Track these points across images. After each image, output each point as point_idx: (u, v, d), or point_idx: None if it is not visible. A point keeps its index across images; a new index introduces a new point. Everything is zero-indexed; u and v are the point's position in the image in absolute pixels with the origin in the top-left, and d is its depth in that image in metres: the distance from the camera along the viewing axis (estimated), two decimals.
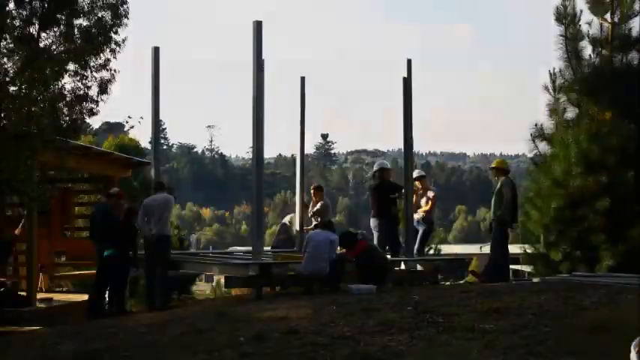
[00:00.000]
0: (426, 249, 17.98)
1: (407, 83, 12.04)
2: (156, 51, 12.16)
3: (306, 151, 14.23)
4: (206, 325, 7.96)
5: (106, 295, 11.33)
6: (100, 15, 11.91)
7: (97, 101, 11.95)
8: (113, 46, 11.85)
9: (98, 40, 11.58)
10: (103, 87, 11.94)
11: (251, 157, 11.26)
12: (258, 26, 10.29)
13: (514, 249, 13.12)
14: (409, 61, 12.02)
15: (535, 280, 11.30)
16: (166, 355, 7.01)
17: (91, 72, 11.62)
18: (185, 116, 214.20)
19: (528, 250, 13.56)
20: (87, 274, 15.31)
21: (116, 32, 12.01)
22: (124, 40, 12.03)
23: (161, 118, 12.51)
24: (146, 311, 11.12)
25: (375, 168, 13.23)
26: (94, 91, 11.93)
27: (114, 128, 37.24)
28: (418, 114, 12.14)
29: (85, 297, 13.69)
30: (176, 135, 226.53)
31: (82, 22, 11.82)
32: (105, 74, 11.92)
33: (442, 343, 6.47)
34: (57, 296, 14.22)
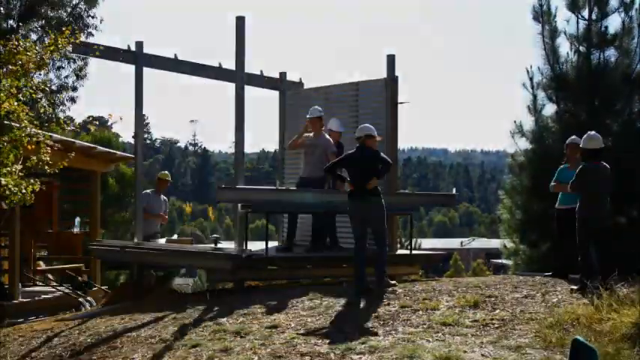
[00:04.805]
0: (406, 243, 18.08)
1: (389, 78, 12.12)
2: (139, 45, 12.16)
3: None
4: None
5: None
6: (73, 3, 11.84)
7: (75, 87, 11.94)
8: (90, 30, 11.79)
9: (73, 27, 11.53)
10: (79, 73, 11.90)
11: (234, 152, 11.29)
12: (240, 22, 10.33)
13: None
14: (391, 57, 12.09)
15: (514, 274, 11.44)
16: (139, 350, 7.09)
17: (68, 62, 11.60)
18: (169, 111, 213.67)
19: (508, 245, 13.72)
20: (69, 267, 15.32)
21: (93, 16, 11.90)
22: (100, 23, 11.88)
23: (144, 112, 12.53)
24: None
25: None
26: (71, 79, 11.91)
27: (98, 125, 37.02)
28: (400, 110, 12.22)
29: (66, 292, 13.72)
30: (159, 130, 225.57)
31: (57, 13, 11.79)
32: (79, 62, 11.83)
33: (422, 337, 6.58)
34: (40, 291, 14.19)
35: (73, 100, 12.56)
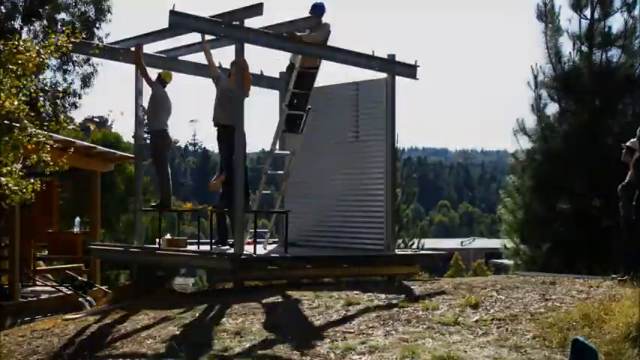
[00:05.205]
0: (409, 242, 18.03)
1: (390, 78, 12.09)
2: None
3: None
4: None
5: None
6: (82, 9, 11.89)
7: (79, 94, 11.94)
8: (96, 41, 11.81)
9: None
10: (86, 81, 11.92)
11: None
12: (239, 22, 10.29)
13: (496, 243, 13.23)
14: (392, 57, 12.05)
15: (514, 274, 11.43)
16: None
17: (74, 66, 11.61)
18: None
19: (509, 245, 13.71)
20: (69, 267, 15.32)
21: (99, 27, 11.98)
22: (107, 35, 12.01)
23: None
24: None
25: None
26: (76, 85, 11.93)
27: (98, 123, 37.08)
28: (400, 110, 12.19)
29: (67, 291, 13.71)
30: None
31: (64, 16, 11.81)
32: (87, 68, 11.88)
33: (422, 337, 6.57)
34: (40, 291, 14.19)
35: (75, 105, 12.62)
